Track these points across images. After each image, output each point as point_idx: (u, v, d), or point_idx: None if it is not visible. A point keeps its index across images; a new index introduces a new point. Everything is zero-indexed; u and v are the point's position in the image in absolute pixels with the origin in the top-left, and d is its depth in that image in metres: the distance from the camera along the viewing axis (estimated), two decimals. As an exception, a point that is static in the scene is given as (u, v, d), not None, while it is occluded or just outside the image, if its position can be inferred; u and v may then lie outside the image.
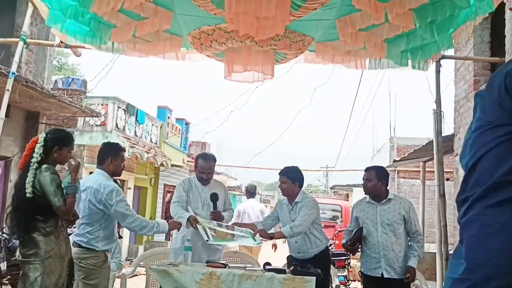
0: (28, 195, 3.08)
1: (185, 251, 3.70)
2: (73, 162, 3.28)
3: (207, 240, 3.92)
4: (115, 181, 3.82)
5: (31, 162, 3.16)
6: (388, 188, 4.06)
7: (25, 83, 6.41)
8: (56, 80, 11.38)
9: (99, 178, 3.62)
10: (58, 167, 3.39)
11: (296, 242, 4.11)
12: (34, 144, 3.24)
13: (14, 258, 4.22)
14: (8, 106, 6.32)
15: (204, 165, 4.16)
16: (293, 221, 4.07)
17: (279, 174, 4.22)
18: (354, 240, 3.91)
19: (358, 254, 4.19)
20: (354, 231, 3.98)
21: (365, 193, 4.09)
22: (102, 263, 3.55)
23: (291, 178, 4.09)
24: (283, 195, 4.27)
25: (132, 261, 11.91)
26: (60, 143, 3.29)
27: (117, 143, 4.09)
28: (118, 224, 4.20)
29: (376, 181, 3.94)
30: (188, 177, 4.35)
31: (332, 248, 7.50)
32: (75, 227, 3.70)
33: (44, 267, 3.07)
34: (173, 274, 3.47)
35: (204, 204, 4.14)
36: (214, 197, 4.17)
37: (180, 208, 4.04)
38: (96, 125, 11.05)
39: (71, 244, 3.41)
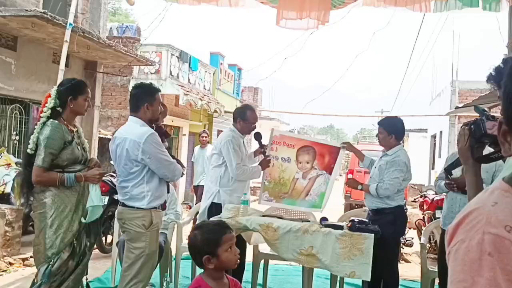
0: (28, 151, 3.00)
1: (242, 204, 3.73)
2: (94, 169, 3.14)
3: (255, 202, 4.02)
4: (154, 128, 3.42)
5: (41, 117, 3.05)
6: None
7: (82, 33, 6.49)
8: (111, 27, 11.50)
9: (134, 127, 3.15)
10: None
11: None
12: (47, 99, 3.10)
13: None
14: (68, 56, 6.47)
15: (255, 116, 4.24)
16: (375, 167, 4.07)
17: (378, 123, 4.20)
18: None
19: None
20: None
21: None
22: (149, 225, 3.10)
23: (388, 130, 3.99)
24: (380, 145, 4.21)
25: (189, 205, 12.37)
26: (73, 92, 3.12)
27: (150, 84, 3.43)
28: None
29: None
30: (232, 135, 4.06)
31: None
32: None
33: (50, 218, 2.96)
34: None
35: (246, 157, 4.18)
36: (258, 136, 4.25)
37: (247, 167, 4.07)
38: (151, 73, 11.17)
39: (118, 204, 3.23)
